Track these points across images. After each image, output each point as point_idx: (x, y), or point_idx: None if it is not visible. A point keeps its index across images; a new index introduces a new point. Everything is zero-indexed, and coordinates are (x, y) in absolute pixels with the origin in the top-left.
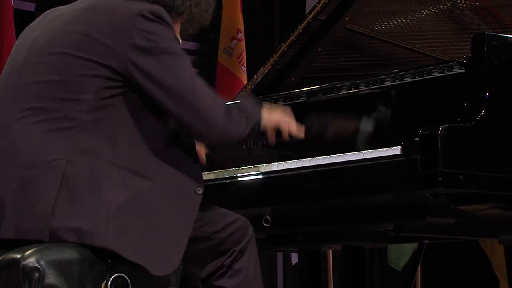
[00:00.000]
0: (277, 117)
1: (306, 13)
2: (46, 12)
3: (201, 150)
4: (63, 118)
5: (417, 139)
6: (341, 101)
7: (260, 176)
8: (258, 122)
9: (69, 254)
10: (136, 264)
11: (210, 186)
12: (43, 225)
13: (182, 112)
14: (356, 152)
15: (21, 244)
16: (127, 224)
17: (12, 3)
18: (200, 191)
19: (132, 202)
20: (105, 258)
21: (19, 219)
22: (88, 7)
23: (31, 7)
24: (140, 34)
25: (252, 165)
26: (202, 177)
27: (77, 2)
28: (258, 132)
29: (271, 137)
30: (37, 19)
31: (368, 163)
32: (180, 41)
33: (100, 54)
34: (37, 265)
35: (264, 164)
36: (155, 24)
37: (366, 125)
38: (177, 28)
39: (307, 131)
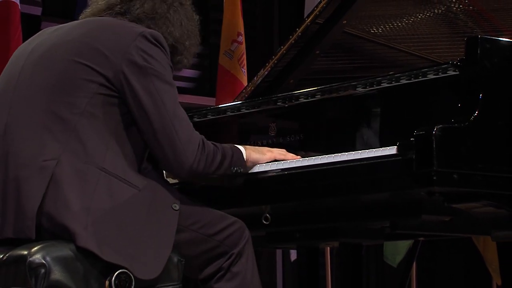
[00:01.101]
0: (270, 154)
1: (305, 16)
2: (43, 30)
3: None
4: (58, 120)
5: (413, 139)
6: (339, 102)
7: (260, 175)
8: (240, 167)
9: (74, 251)
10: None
11: (211, 186)
12: (31, 223)
13: (154, 137)
14: (353, 152)
15: (23, 243)
16: (109, 228)
17: (19, 7)
18: (177, 207)
19: (117, 207)
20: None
21: (14, 219)
22: (92, 20)
23: (37, 11)
24: (138, 52)
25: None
26: (178, 194)
27: (77, 21)
28: (242, 174)
29: None
30: (33, 36)
31: (365, 162)
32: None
33: (98, 62)
34: (43, 261)
35: (264, 164)
36: (154, 47)
37: (363, 126)
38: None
39: (305, 132)
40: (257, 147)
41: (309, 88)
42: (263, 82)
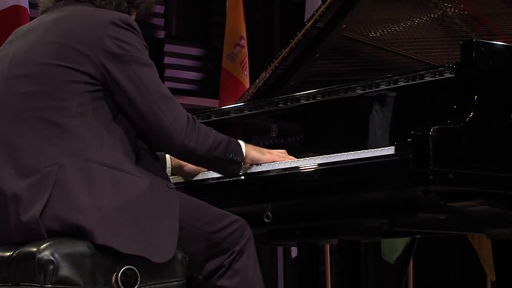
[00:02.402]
0: (269, 156)
1: (305, 21)
2: (17, 29)
3: None
4: (51, 125)
5: (410, 139)
6: (338, 103)
7: (262, 175)
8: (237, 155)
9: (81, 247)
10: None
11: (214, 185)
12: (36, 226)
13: (142, 121)
14: (352, 152)
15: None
16: (122, 220)
17: (29, 12)
18: (172, 185)
19: (124, 198)
20: (115, 251)
21: (20, 225)
22: (61, 17)
23: None
24: (112, 41)
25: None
26: (167, 174)
27: (46, 14)
28: (240, 164)
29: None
30: (9, 37)
31: (364, 162)
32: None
33: (76, 61)
34: (52, 258)
35: (266, 164)
36: (126, 31)
37: (362, 127)
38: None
39: (306, 132)
40: (257, 147)
41: (310, 90)
42: (265, 84)
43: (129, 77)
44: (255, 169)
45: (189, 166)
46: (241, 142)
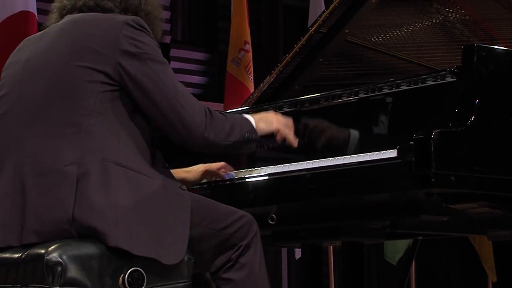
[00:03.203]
0: (277, 125)
1: (309, 26)
2: (26, 39)
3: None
4: (68, 125)
5: (412, 142)
6: (341, 107)
7: (266, 177)
8: (251, 133)
9: (89, 249)
10: (151, 258)
11: (220, 187)
12: (66, 227)
13: (163, 117)
14: (355, 155)
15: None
16: (136, 221)
17: (37, 18)
18: (184, 187)
19: (138, 199)
20: (122, 253)
21: (40, 225)
22: (74, 21)
23: None
24: (128, 40)
25: (259, 167)
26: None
27: (55, 24)
28: (255, 140)
29: (278, 140)
30: (20, 45)
31: (367, 165)
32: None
33: (93, 61)
34: (60, 260)
35: (270, 166)
36: (140, 32)
37: (365, 130)
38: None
39: (310, 135)
40: (263, 115)
41: (313, 94)
42: (269, 88)
43: (146, 74)
44: (260, 172)
45: (189, 179)
46: (250, 118)
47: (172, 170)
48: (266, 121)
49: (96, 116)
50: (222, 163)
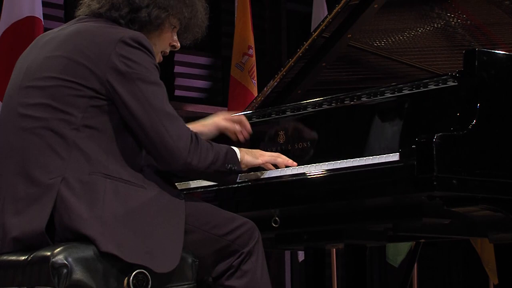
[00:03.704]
0: (263, 158)
1: (311, 31)
2: (39, 37)
3: None
4: (57, 137)
5: (414, 146)
6: (344, 111)
7: (270, 181)
8: (234, 164)
9: (94, 252)
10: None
11: (224, 190)
12: (40, 238)
13: (147, 138)
14: (358, 159)
15: None
16: (124, 229)
17: (43, 23)
18: (182, 196)
19: (127, 209)
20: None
21: (20, 234)
22: (74, 32)
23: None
24: (119, 59)
25: (262, 171)
26: (175, 185)
27: (66, 25)
28: (238, 172)
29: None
30: (32, 44)
31: (370, 168)
32: (161, 56)
33: (83, 77)
34: (66, 262)
35: (274, 169)
36: (135, 50)
37: (367, 134)
38: (163, 41)
39: (313, 139)
40: (250, 149)
41: (316, 98)
42: (272, 92)
43: (134, 94)
44: (263, 175)
45: (205, 133)
46: (236, 149)
47: (189, 124)
48: (252, 154)
49: (85, 130)
50: (239, 117)
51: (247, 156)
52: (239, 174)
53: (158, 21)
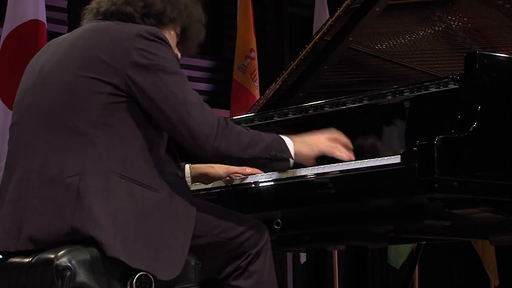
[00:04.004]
0: (320, 148)
1: (313, 34)
2: (52, 40)
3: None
4: (75, 135)
5: (415, 148)
6: (346, 114)
7: (272, 183)
8: (281, 152)
9: (98, 254)
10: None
11: (226, 192)
12: (63, 237)
13: (172, 127)
14: (360, 161)
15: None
16: (133, 234)
17: (46, 26)
18: (194, 202)
19: (139, 213)
20: None
21: (38, 233)
22: (90, 29)
23: (64, 29)
24: (139, 52)
25: (265, 173)
26: (189, 189)
27: (79, 28)
28: (285, 159)
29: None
30: (45, 46)
31: (371, 170)
32: (179, 55)
33: (102, 72)
34: (69, 264)
35: (276, 172)
36: (153, 43)
37: (369, 136)
38: (172, 41)
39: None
40: (306, 138)
41: (318, 100)
42: (275, 95)
43: (156, 85)
44: (266, 177)
45: (212, 175)
46: (287, 139)
47: (196, 165)
48: (308, 144)
49: (103, 128)
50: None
51: (303, 148)
52: (288, 163)
53: (172, 15)
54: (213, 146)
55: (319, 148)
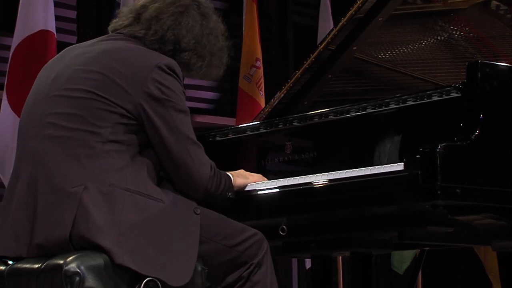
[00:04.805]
0: (252, 178)
1: (318, 43)
2: (68, 48)
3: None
4: (82, 148)
5: (418, 156)
6: (350, 122)
7: (277, 190)
8: (232, 193)
9: (106, 260)
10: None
11: (232, 199)
12: (65, 245)
13: (171, 162)
14: (364, 168)
15: None
16: (140, 242)
17: (56, 37)
18: (199, 211)
19: (145, 222)
20: None
21: (44, 241)
22: (109, 49)
23: (73, 39)
24: (155, 84)
25: (270, 180)
26: (195, 200)
27: (98, 41)
28: (232, 199)
29: None
30: (60, 53)
31: (375, 178)
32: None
33: (117, 96)
34: (78, 270)
35: (281, 179)
36: (169, 77)
37: (372, 144)
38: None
39: (320, 149)
40: (238, 172)
41: (322, 109)
42: (280, 103)
43: (165, 120)
44: (271, 184)
45: None
46: (230, 175)
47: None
48: (243, 176)
49: (111, 144)
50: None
51: (238, 179)
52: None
53: (193, 67)
54: (206, 188)
55: (252, 177)
